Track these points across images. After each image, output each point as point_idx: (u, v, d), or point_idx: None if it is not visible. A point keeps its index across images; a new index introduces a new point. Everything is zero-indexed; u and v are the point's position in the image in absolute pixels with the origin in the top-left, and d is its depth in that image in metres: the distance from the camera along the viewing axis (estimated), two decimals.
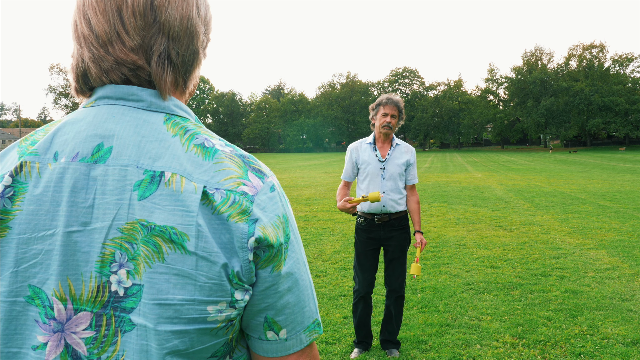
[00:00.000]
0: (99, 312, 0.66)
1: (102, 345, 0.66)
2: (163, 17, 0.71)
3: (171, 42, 0.72)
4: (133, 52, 0.71)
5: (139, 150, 0.69)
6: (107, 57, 0.71)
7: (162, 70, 0.72)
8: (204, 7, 0.78)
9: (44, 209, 0.69)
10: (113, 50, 0.71)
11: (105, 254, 0.66)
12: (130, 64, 0.71)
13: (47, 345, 0.67)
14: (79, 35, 0.73)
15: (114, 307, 0.66)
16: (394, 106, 3.55)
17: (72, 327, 0.67)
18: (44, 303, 0.67)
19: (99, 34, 0.71)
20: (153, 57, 0.72)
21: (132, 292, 0.66)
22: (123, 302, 0.66)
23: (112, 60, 0.71)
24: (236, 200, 0.69)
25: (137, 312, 0.66)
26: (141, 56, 0.71)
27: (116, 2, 0.70)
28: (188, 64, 0.76)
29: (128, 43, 0.71)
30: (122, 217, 0.66)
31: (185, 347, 0.67)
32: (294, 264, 0.74)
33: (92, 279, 0.66)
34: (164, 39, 0.72)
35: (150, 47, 0.71)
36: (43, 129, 0.77)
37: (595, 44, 79.62)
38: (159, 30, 0.71)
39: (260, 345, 0.75)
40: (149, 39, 0.71)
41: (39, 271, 0.68)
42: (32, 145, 0.74)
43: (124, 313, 0.66)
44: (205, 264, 0.66)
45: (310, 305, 0.77)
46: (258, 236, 0.69)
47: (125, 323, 0.66)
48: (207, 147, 0.72)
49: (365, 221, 3.58)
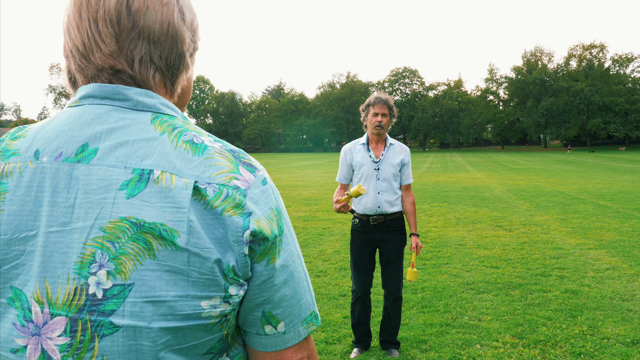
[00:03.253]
0: (74, 317, 0.64)
1: (77, 352, 0.64)
2: (142, 22, 0.73)
3: (152, 46, 0.74)
4: (111, 58, 0.73)
5: (126, 151, 0.69)
6: (89, 66, 0.74)
7: (145, 71, 0.74)
8: (189, 14, 0.79)
9: (27, 209, 0.68)
10: (94, 58, 0.73)
11: (86, 255, 0.65)
12: (108, 69, 0.73)
13: (27, 348, 0.66)
14: (66, 51, 0.76)
15: (90, 311, 0.64)
16: (383, 105, 3.49)
17: (48, 333, 0.65)
18: (23, 305, 0.66)
19: (78, 45, 0.73)
20: (135, 60, 0.73)
21: (113, 294, 0.64)
22: (102, 305, 0.64)
23: (93, 68, 0.74)
24: (229, 194, 0.68)
25: (119, 314, 0.64)
26: (121, 60, 0.73)
27: (92, 15, 0.72)
28: (174, 67, 0.77)
29: (104, 50, 0.73)
30: (105, 216, 0.65)
31: (178, 342, 0.66)
32: (288, 257, 0.74)
33: (70, 281, 0.65)
34: (144, 43, 0.73)
35: (131, 51, 0.73)
36: (25, 127, 0.77)
37: (595, 44, 79.66)
38: (139, 35, 0.73)
39: (259, 340, 0.75)
40: (129, 43, 0.73)
41: (20, 272, 0.67)
42: (13, 140, 0.74)
43: (102, 317, 0.64)
44: (197, 259, 0.65)
45: (307, 297, 0.77)
46: (253, 229, 0.69)
47: (104, 327, 0.64)
48: (197, 143, 0.72)
49: (361, 222, 3.55)
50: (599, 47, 79.37)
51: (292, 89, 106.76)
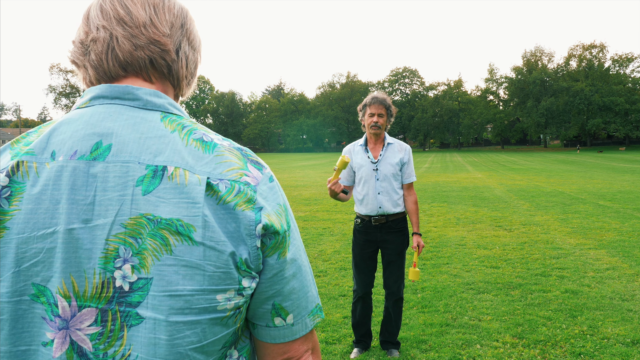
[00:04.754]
0: (104, 308, 0.67)
1: (108, 340, 0.67)
2: (188, 25, 0.82)
3: (190, 49, 0.83)
4: (165, 37, 0.79)
5: (139, 147, 0.70)
6: (141, 35, 0.77)
7: (181, 63, 0.81)
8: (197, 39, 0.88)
9: (43, 207, 0.69)
10: (147, 32, 0.77)
11: (109, 250, 0.67)
12: (162, 45, 0.78)
13: (53, 342, 0.68)
14: (111, 17, 0.77)
15: (119, 302, 0.67)
16: (379, 105, 3.47)
17: (77, 324, 0.68)
18: (49, 300, 0.68)
19: (136, 17, 0.77)
20: (180, 50, 0.81)
21: (138, 287, 0.67)
22: (129, 297, 0.67)
23: (145, 39, 0.77)
24: (241, 189, 0.71)
25: (144, 306, 0.67)
26: (171, 44, 0.79)
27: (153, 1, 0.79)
28: (192, 73, 0.86)
29: (160, 29, 0.78)
30: (125, 212, 0.67)
31: (198, 338, 0.68)
32: (296, 251, 0.77)
33: (96, 275, 0.67)
34: (186, 43, 0.82)
35: (179, 42, 0.81)
36: (36, 131, 0.78)
37: (595, 44, 79.62)
38: (184, 35, 0.82)
39: (268, 332, 0.77)
40: (177, 36, 0.81)
41: (41, 270, 0.69)
42: (27, 145, 0.74)
43: (130, 307, 0.67)
44: (212, 253, 0.67)
45: (312, 290, 0.80)
46: (265, 223, 0.71)
47: (132, 317, 0.67)
48: (207, 141, 0.74)
49: (362, 223, 3.55)
50: (599, 47, 79.34)
51: (292, 89, 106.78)
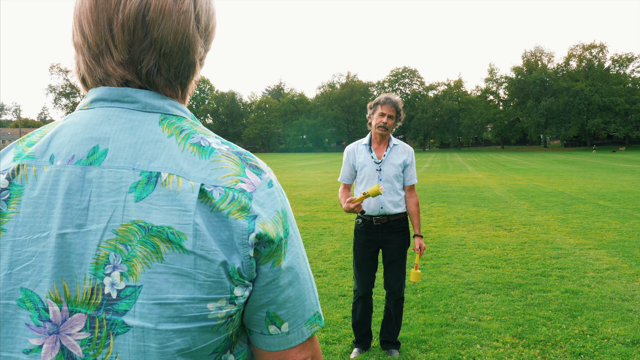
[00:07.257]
0: (92, 314, 0.66)
1: (96, 347, 0.67)
2: (155, 34, 0.71)
3: (162, 58, 0.72)
4: (121, 67, 0.72)
5: (134, 152, 0.70)
6: (98, 68, 0.73)
7: (152, 80, 0.73)
8: (205, 16, 0.77)
9: (40, 211, 0.69)
10: (104, 62, 0.72)
11: (100, 256, 0.66)
12: (118, 78, 0.73)
13: (42, 347, 0.67)
14: (75, 42, 0.75)
15: (107, 309, 0.66)
16: (392, 106, 3.47)
17: (68, 329, 0.67)
18: (37, 305, 0.67)
19: (91, 44, 0.72)
20: (142, 72, 0.72)
21: (126, 294, 0.66)
22: (116, 305, 0.66)
23: (102, 73, 0.73)
24: (235, 197, 0.69)
25: (131, 314, 0.65)
26: (130, 71, 0.72)
27: (108, 14, 0.70)
28: (182, 76, 0.76)
29: (116, 57, 0.72)
30: (117, 219, 0.67)
31: (187, 345, 0.67)
32: (293, 258, 0.75)
33: (87, 280, 0.67)
34: (154, 55, 0.72)
35: (140, 62, 0.72)
36: (40, 131, 0.77)
37: (595, 44, 79.63)
38: (150, 46, 0.71)
39: (263, 339, 0.76)
40: (139, 54, 0.71)
41: (31, 274, 0.68)
42: (29, 146, 0.74)
43: (116, 316, 0.66)
44: (203, 262, 0.66)
45: (311, 298, 0.78)
46: (258, 232, 0.69)
47: (118, 325, 0.66)
48: (203, 145, 0.73)
49: (364, 223, 3.55)
50: (599, 47, 79.34)
51: (292, 89, 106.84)
